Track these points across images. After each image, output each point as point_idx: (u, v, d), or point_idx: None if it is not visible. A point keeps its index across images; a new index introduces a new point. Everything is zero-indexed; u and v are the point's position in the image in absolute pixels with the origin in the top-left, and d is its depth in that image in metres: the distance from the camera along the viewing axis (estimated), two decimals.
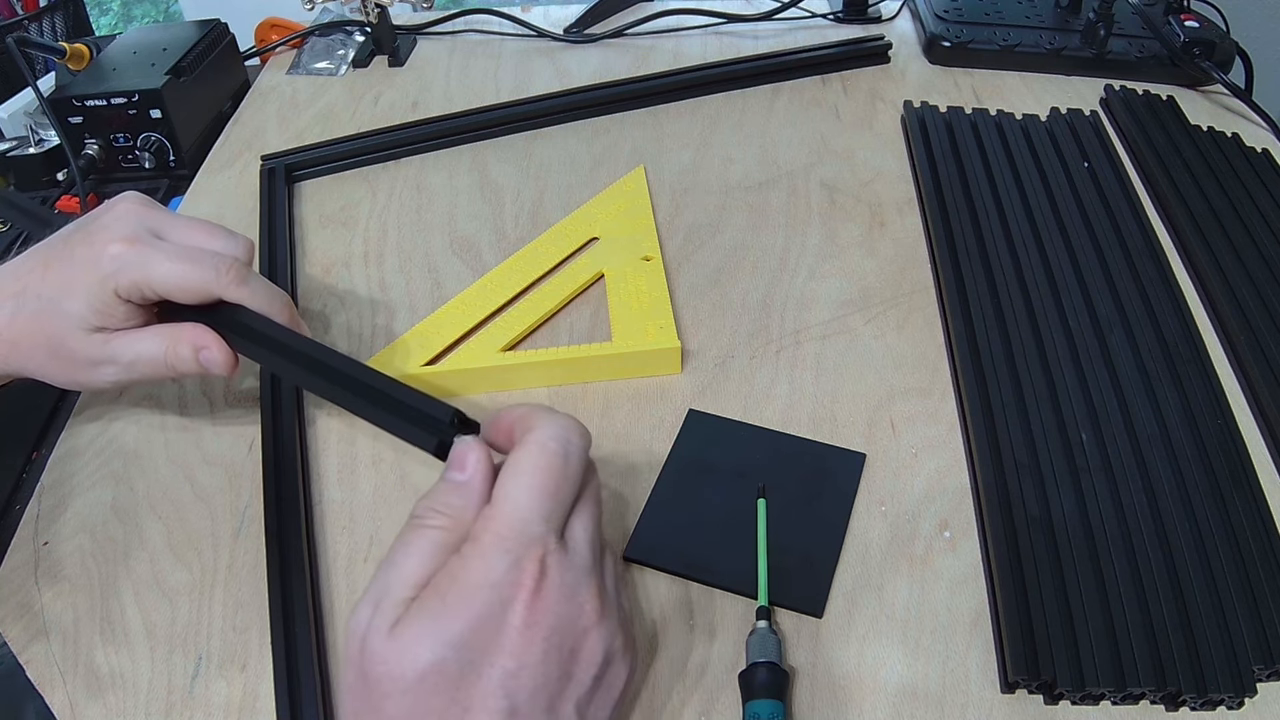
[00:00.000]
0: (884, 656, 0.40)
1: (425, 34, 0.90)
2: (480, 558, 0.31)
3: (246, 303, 0.43)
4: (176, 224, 0.44)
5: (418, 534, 0.33)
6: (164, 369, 0.43)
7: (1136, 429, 0.47)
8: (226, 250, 0.43)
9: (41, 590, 0.44)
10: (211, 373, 0.43)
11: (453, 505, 0.33)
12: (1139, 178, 0.66)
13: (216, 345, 0.42)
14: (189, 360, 0.42)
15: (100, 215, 0.43)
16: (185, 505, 0.47)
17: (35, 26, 1.01)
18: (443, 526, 0.33)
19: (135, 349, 0.42)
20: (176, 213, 0.47)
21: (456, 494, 0.34)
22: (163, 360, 0.43)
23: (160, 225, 0.43)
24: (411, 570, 0.32)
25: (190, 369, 0.43)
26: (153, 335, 0.43)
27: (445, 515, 0.33)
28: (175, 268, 0.41)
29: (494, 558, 0.31)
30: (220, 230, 0.44)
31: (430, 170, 0.71)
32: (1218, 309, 0.55)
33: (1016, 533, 0.43)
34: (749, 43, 0.86)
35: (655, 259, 0.59)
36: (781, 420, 0.50)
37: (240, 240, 0.44)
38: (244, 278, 0.43)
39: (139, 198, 0.44)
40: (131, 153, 0.71)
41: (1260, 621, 0.39)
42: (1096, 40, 0.78)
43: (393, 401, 0.38)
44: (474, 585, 0.30)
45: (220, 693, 0.40)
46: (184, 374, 0.43)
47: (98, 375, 0.43)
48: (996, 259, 0.58)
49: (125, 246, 0.41)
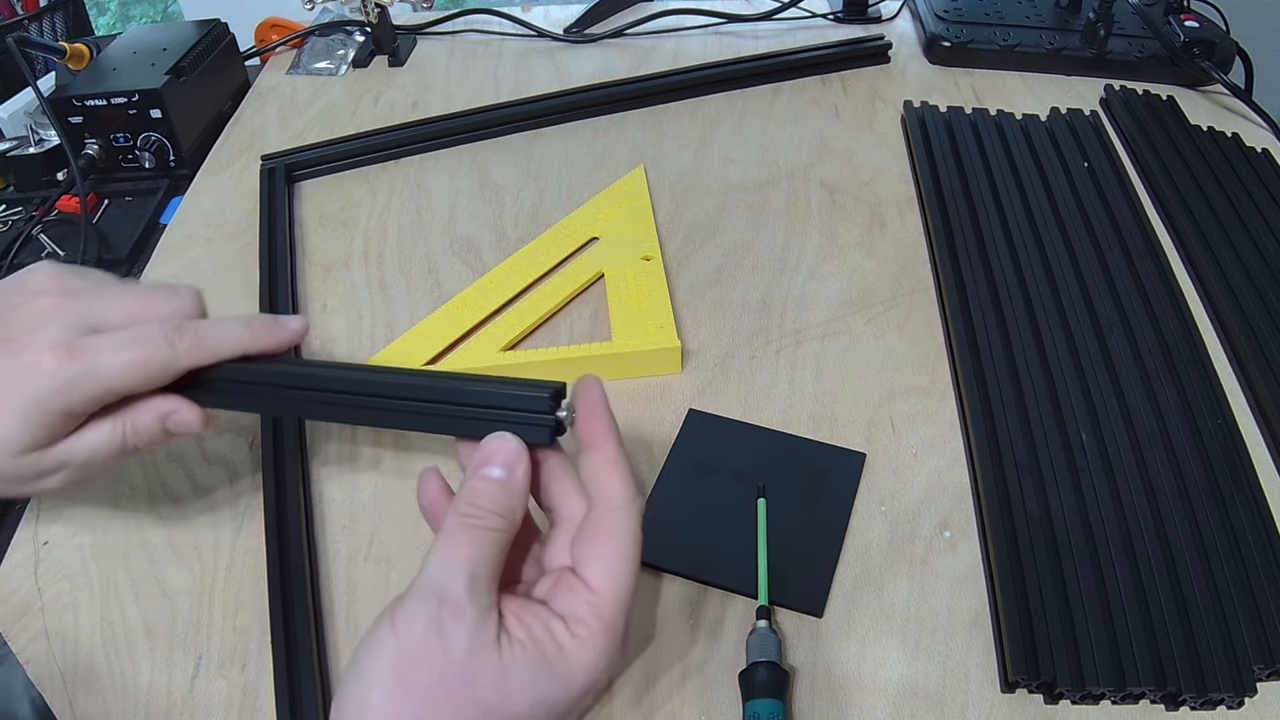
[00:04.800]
0: (884, 656, 0.40)
1: (425, 34, 0.90)
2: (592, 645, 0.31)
3: (215, 359, 0.37)
4: (109, 301, 0.37)
5: (471, 533, 0.31)
6: (125, 452, 0.37)
7: (1136, 429, 0.47)
8: (171, 311, 0.37)
9: (41, 590, 0.44)
10: (183, 435, 0.38)
11: (501, 504, 0.32)
12: (1139, 178, 0.66)
13: (184, 405, 0.37)
14: (155, 431, 0.37)
15: (18, 307, 0.36)
16: (185, 505, 0.47)
17: (35, 26, 1.01)
18: (496, 528, 0.32)
19: (88, 445, 0.37)
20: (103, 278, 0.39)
21: (503, 492, 0.33)
22: (123, 443, 0.37)
23: (92, 312, 0.37)
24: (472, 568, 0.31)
25: (158, 440, 0.38)
26: (101, 424, 0.37)
27: (498, 515, 0.32)
28: (127, 359, 0.35)
29: (602, 644, 0.31)
30: (159, 291, 0.38)
31: (430, 170, 0.71)
32: (1218, 309, 0.55)
33: (1016, 533, 0.43)
34: (749, 43, 0.86)
35: (655, 259, 0.59)
36: (781, 420, 0.50)
37: (183, 293, 0.39)
38: (200, 335, 0.37)
39: (54, 273, 0.38)
40: (131, 153, 0.71)
41: (1260, 621, 0.39)
42: (1096, 40, 0.78)
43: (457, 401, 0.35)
44: (581, 667, 0.31)
45: (220, 693, 0.40)
46: (151, 448, 0.38)
47: (44, 485, 0.37)
48: (996, 259, 0.58)
49: (64, 358, 0.35)
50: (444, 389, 0.35)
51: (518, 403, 0.34)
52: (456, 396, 0.35)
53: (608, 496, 0.34)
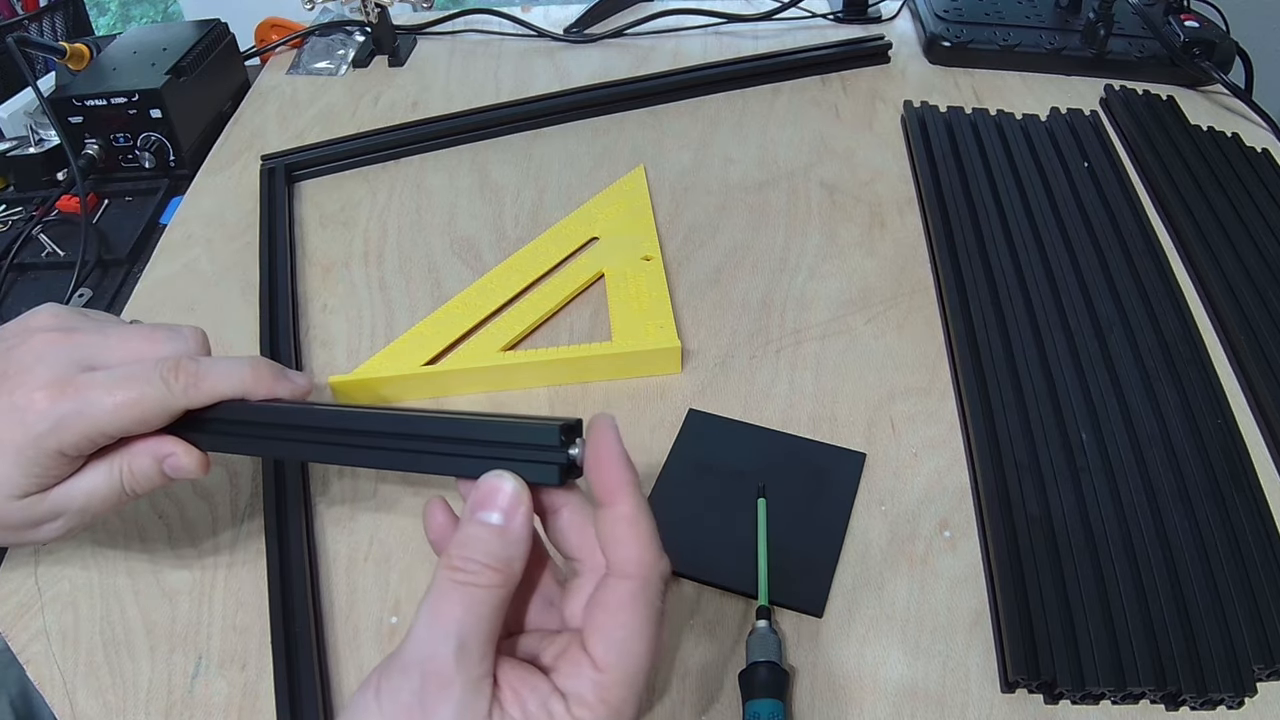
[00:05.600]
0: (884, 656, 0.40)
1: (425, 34, 0.90)
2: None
3: (212, 400, 0.36)
4: (108, 340, 0.36)
5: (462, 591, 0.28)
6: (123, 497, 0.37)
7: (1136, 429, 0.47)
8: (172, 351, 0.36)
9: (41, 590, 0.44)
10: (182, 479, 0.37)
11: (497, 555, 0.29)
12: (1139, 178, 0.66)
13: (182, 448, 0.36)
14: (152, 475, 0.36)
15: (14, 349, 0.35)
16: (185, 505, 0.47)
17: (35, 26, 1.01)
18: (491, 585, 0.28)
19: (84, 490, 0.36)
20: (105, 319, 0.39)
21: (499, 541, 0.29)
22: (121, 488, 0.36)
23: (89, 349, 0.36)
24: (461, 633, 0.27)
25: (155, 484, 0.37)
26: (97, 468, 0.36)
27: (493, 570, 0.28)
28: (120, 398, 0.34)
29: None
30: (161, 330, 0.37)
31: (430, 170, 0.71)
32: (1218, 309, 0.55)
33: (1016, 533, 0.43)
34: (749, 43, 0.86)
35: (655, 259, 0.59)
36: (781, 420, 0.50)
37: (186, 333, 0.38)
38: (198, 375, 0.35)
39: (56, 313, 0.37)
40: (131, 152, 0.71)
41: (1260, 621, 0.39)
42: (1096, 40, 0.78)
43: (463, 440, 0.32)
44: None
45: (220, 693, 0.40)
46: (148, 492, 0.37)
47: (43, 533, 0.37)
48: (996, 259, 0.58)
49: (56, 395, 0.34)
50: (445, 427, 0.33)
51: (523, 437, 0.31)
52: (458, 434, 0.32)
53: (622, 563, 0.29)
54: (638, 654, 0.29)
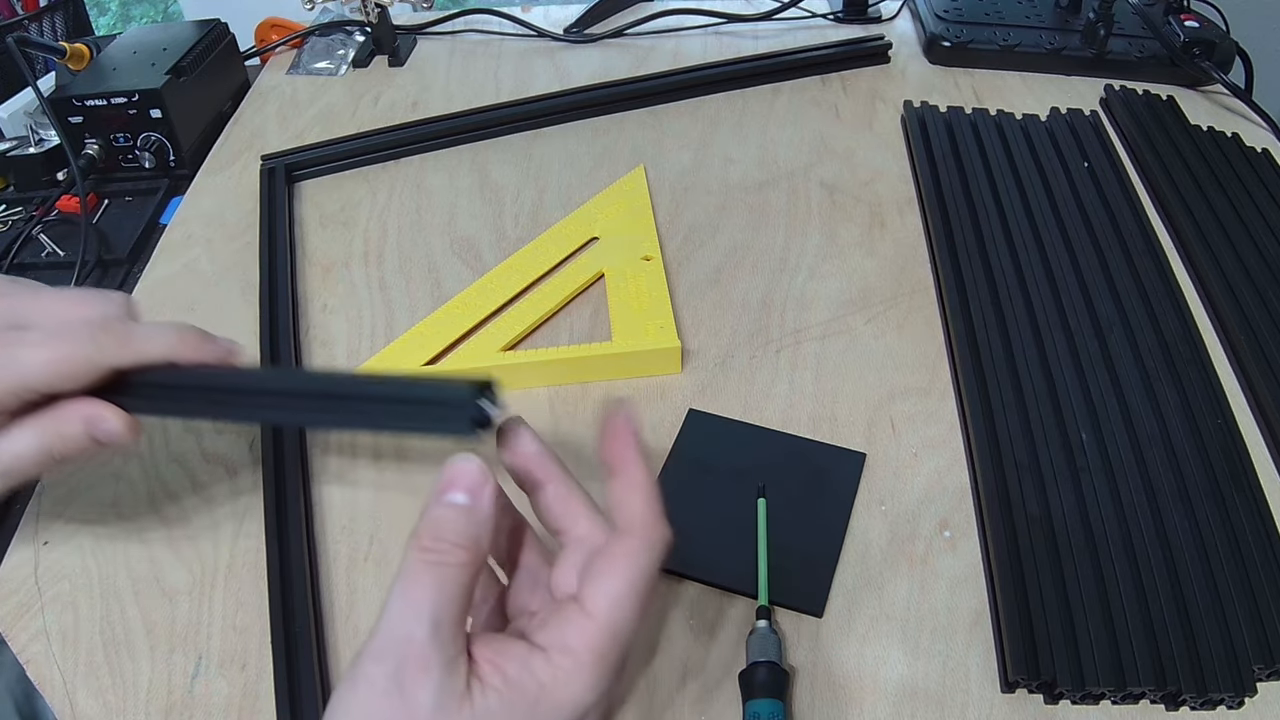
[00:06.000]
0: (884, 656, 0.40)
1: (425, 34, 0.90)
2: (577, 677, 0.28)
3: (140, 360, 0.36)
4: (39, 302, 0.37)
5: (434, 571, 0.28)
6: (49, 461, 0.36)
7: (1136, 429, 0.47)
8: (101, 313, 0.37)
9: (41, 590, 0.44)
10: (111, 444, 0.36)
11: (465, 534, 0.29)
12: (1139, 178, 0.66)
13: (111, 411, 0.36)
14: (80, 439, 0.36)
15: None
16: (185, 505, 0.47)
17: (35, 26, 1.01)
18: (461, 563, 0.29)
19: (10, 452, 0.35)
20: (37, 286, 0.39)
21: (467, 520, 0.30)
22: (48, 453, 0.36)
23: (19, 311, 0.37)
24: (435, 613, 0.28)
25: (83, 448, 0.36)
26: (24, 429, 0.35)
27: (462, 548, 0.29)
28: (48, 354, 0.34)
29: (590, 676, 0.28)
30: (90, 294, 0.38)
31: (430, 170, 0.71)
32: (1218, 309, 0.55)
33: (1016, 533, 0.43)
34: (749, 43, 0.86)
35: (655, 259, 0.59)
36: (781, 420, 0.50)
37: (115, 298, 0.38)
38: (127, 335, 0.36)
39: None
40: (131, 152, 0.71)
41: (1260, 621, 0.39)
42: (1096, 40, 0.78)
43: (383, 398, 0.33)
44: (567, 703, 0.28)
45: (220, 692, 0.40)
46: (76, 457, 0.36)
47: None
48: (996, 259, 0.58)
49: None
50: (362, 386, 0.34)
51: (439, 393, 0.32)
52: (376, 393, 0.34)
53: (627, 519, 0.31)
54: (627, 609, 0.29)
